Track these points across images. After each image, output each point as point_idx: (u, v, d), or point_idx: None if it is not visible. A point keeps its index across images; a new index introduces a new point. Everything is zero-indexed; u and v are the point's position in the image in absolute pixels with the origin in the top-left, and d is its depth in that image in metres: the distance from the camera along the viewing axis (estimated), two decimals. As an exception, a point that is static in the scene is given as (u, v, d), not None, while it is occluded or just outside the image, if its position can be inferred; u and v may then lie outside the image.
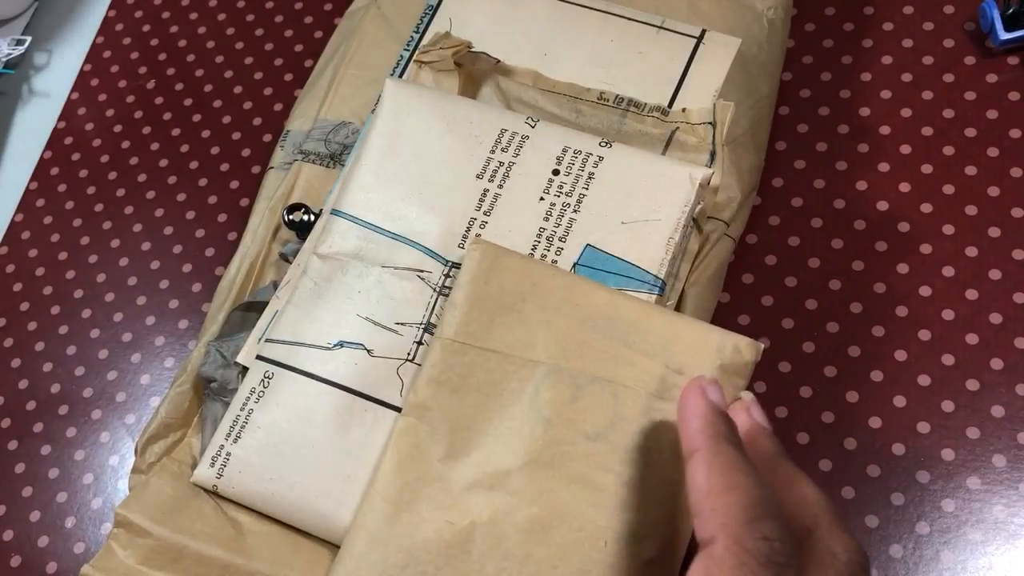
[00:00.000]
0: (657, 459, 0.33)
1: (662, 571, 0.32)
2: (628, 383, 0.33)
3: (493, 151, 0.39)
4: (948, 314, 0.42)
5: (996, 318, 0.42)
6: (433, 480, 0.33)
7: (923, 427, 0.40)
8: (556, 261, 0.37)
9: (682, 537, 0.33)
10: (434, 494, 0.33)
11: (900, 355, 0.41)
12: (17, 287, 0.51)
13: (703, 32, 0.44)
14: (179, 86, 0.55)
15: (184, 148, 0.53)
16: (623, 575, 0.32)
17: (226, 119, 0.53)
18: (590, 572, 0.32)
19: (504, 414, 0.34)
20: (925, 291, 0.43)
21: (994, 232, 0.43)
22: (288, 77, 0.54)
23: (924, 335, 0.42)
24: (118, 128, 0.54)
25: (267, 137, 0.52)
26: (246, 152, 0.52)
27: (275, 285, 0.42)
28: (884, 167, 0.45)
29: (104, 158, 0.53)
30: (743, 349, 0.33)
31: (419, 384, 0.35)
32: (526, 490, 0.33)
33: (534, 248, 0.38)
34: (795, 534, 0.27)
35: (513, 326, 0.35)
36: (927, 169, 0.45)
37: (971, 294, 0.42)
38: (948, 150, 0.45)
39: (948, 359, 0.41)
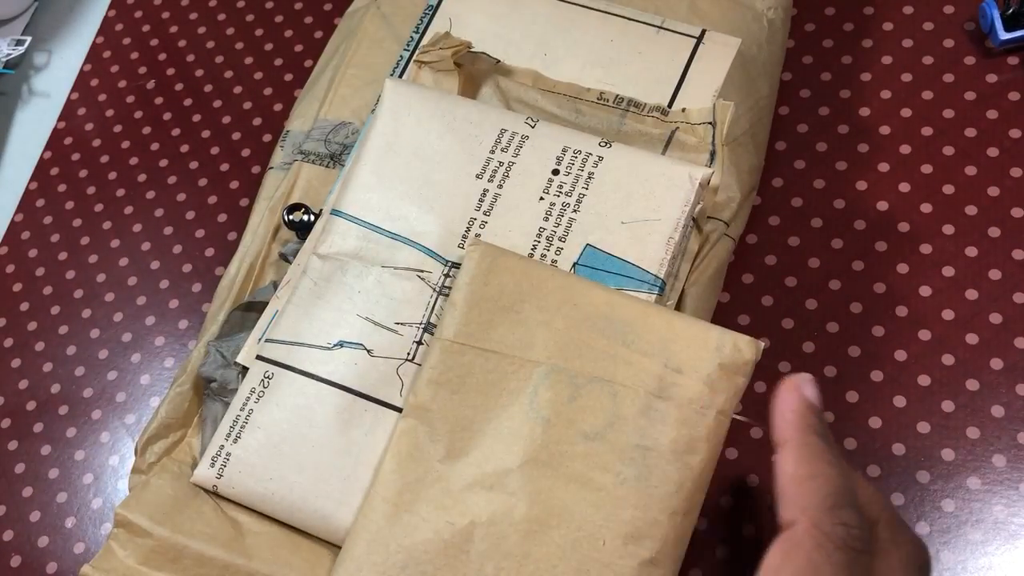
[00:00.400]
0: (656, 458, 0.33)
1: (661, 570, 0.32)
2: (627, 383, 0.33)
3: (493, 151, 0.39)
4: (948, 314, 0.42)
5: (996, 318, 0.42)
6: (433, 481, 0.33)
7: (923, 427, 0.40)
8: (556, 261, 0.37)
9: (682, 536, 0.33)
10: (434, 495, 0.33)
11: (900, 355, 0.41)
12: (17, 287, 0.51)
13: (703, 32, 0.44)
14: (179, 86, 0.55)
15: (184, 148, 0.53)
16: (621, 574, 0.32)
17: (226, 119, 0.53)
18: (588, 571, 0.32)
19: (503, 414, 0.34)
20: (925, 291, 0.43)
21: (994, 232, 0.43)
22: (288, 77, 0.54)
23: (924, 335, 0.42)
24: (118, 128, 0.54)
25: (267, 137, 0.52)
26: (246, 152, 0.52)
27: (275, 285, 0.42)
28: (884, 167, 0.45)
29: (104, 158, 0.53)
30: (743, 347, 0.33)
31: (419, 385, 0.35)
32: (525, 490, 0.33)
33: (534, 248, 0.38)
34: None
35: (512, 326, 0.35)
36: (927, 169, 0.45)
37: (971, 294, 0.42)
38: (948, 150, 0.45)
39: (948, 359, 0.41)
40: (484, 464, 0.33)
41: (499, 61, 0.43)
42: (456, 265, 0.38)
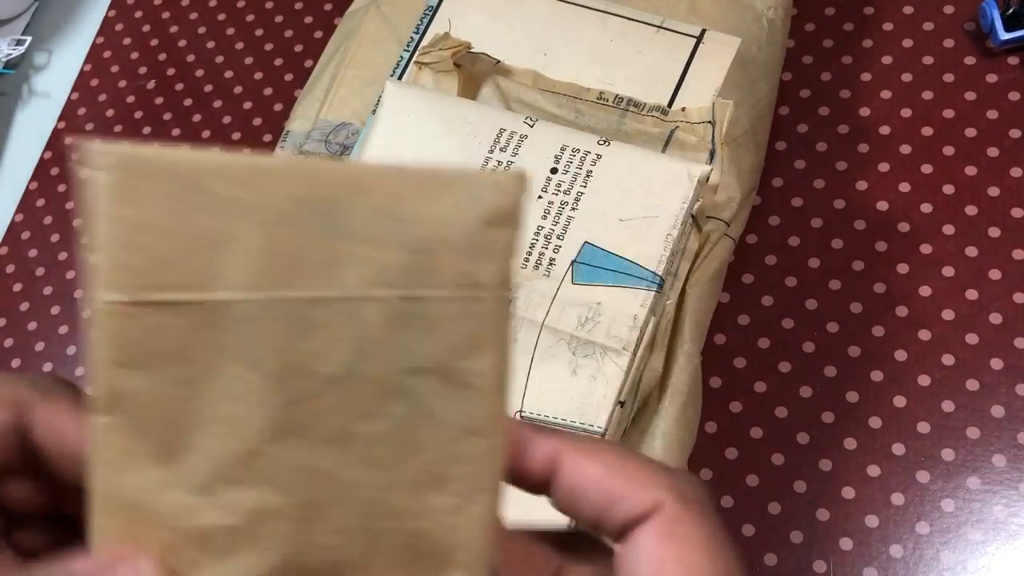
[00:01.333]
0: (432, 379, 0.23)
1: (478, 506, 0.24)
2: (363, 291, 0.23)
3: (492, 151, 0.39)
4: (948, 314, 0.42)
5: (996, 318, 0.42)
6: (160, 490, 0.23)
7: (923, 427, 0.40)
8: (554, 259, 0.37)
9: (494, 462, 0.24)
10: (168, 506, 0.23)
11: (900, 355, 0.41)
12: (17, 287, 0.51)
13: (703, 32, 0.44)
14: (179, 86, 0.55)
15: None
16: (423, 532, 0.24)
17: (226, 119, 0.53)
18: (388, 541, 0.23)
19: (219, 383, 0.23)
20: (925, 291, 0.42)
21: (994, 232, 0.43)
22: (288, 77, 0.54)
23: (924, 335, 0.42)
24: (118, 128, 0.54)
25: (267, 137, 0.52)
26: (246, 152, 0.52)
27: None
28: (884, 167, 0.45)
29: (104, 158, 0.53)
30: (502, 184, 0.23)
31: (98, 371, 0.23)
32: (278, 473, 0.23)
33: (532, 246, 0.38)
34: None
35: (184, 255, 0.23)
36: (927, 169, 0.45)
37: (971, 294, 0.42)
38: (948, 150, 0.45)
39: (948, 359, 0.41)
40: (217, 455, 0.23)
41: (499, 61, 0.43)
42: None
